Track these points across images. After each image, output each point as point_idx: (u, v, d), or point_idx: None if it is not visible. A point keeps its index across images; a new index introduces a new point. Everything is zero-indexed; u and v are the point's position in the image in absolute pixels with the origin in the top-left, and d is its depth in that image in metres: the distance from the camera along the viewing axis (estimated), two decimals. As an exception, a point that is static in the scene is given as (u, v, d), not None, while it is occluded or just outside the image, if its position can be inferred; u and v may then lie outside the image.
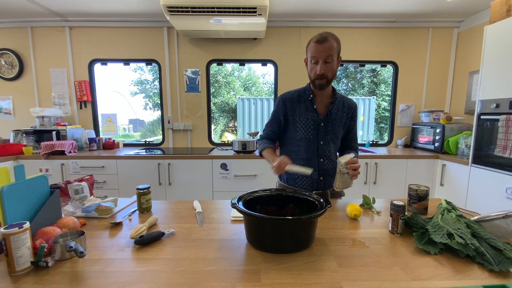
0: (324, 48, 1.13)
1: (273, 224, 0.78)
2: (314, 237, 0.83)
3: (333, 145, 1.31)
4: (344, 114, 1.31)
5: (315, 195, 0.93)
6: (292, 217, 0.76)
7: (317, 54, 1.15)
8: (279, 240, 0.78)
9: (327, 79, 1.18)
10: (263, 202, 0.97)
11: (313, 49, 1.16)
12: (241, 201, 0.88)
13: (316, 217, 0.77)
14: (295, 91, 1.34)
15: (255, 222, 0.80)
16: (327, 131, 1.28)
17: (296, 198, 0.97)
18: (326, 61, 1.15)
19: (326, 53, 1.13)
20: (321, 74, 1.17)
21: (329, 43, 1.13)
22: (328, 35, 1.15)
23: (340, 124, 1.30)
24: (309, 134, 1.27)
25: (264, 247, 0.79)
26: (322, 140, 1.28)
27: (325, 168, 1.29)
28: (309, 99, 1.28)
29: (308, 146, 1.28)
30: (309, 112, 1.27)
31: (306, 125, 1.27)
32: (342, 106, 1.31)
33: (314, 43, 1.16)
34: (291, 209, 0.97)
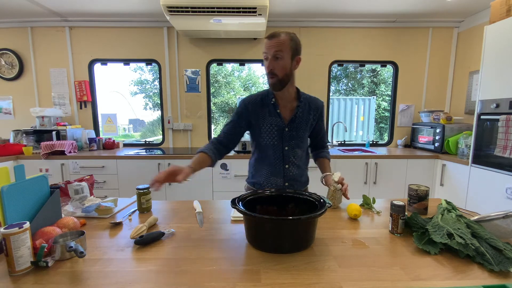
0: (274, 43, 1.07)
1: (273, 224, 0.77)
2: (314, 237, 0.83)
3: (299, 150, 1.25)
4: (310, 116, 1.24)
5: (315, 194, 0.93)
6: (292, 217, 0.76)
7: (266, 50, 1.09)
8: (279, 240, 0.78)
9: (277, 77, 1.10)
10: (263, 202, 0.97)
11: (264, 45, 1.10)
12: (241, 201, 0.88)
13: (316, 217, 0.77)
14: (258, 94, 1.24)
15: (255, 222, 0.80)
16: (291, 136, 1.21)
17: (296, 198, 0.97)
18: (276, 57, 1.07)
19: (274, 48, 1.06)
20: (271, 72, 1.09)
21: (280, 38, 1.07)
22: (282, 32, 1.08)
23: (306, 127, 1.24)
24: (273, 140, 1.21)
25: (264, 247, 0.79)
26: (287, 146, 1.21)
27: (290, 174, 1.24)
28: (271, 103, 1.20)
29: (273, 152, 1.22)
30: (272, 117, 1.20)
31: (270, 131, 1.20)
32: (308, 108, 1.24)
33: (265, 39, 1.10)
34: (291, 209, 0.97)
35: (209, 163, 1.14)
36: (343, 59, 3.13)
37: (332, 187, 1.14)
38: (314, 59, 3.10)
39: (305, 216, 0.75)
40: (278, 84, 1.12)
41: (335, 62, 3.15)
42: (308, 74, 3.13)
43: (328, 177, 1.24)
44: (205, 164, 1.12)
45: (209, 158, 1.13)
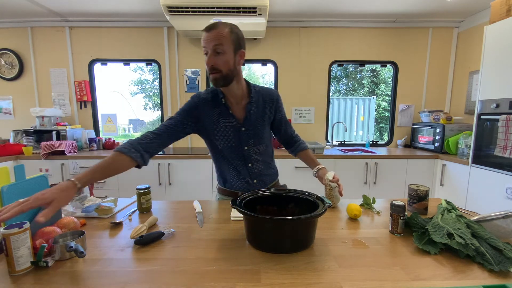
0: (212, 36, 0.97)
1: (273, 224, 0.77)
2: (314, 237, 0.83)
3: (261, 146, 1.19)
4: (266, 110, 1.18)
5: (315, 194, 0.93)
6: (292, 217, 0.76)
7: (205, 44, 0.99)
8: (279, 240, 0.78)
9: (221, 73, 1.00)
10: (263, 202, 0.97)
11: (203, 38, 0.99)
12: (241, 201, 0.88)
13: (316, 217, 0.77)
14: (207, 92, 1.14)
15: (255, 222, 0.80)
16: (249, 135, 1.14)
17: (296, 198, 0.96)
18: (216, 51, 0.98)
19: (214, 42, 0.97)
20: (212, 67, 0.99)
21: (219, 30, 0.97)
22: (220, 23, 0.99)
23: (263, 123, 1.17)
24: (231, 142, 1.13)
25: (264, 247, 0.79)
26: (246, 146, 1.15)
27: (256, 172, 1.19)
28: (222, 103, 1.11)
29: (232, 154, 1.16)
30: (226, 118, 1.12)
31: (225, 133, 1.13)
32: (262, 102, 1.17)
33: (203, 32, 1.00)
34: (291, 209, 0.97)
35: (126, 166, 0.94)
36: (343, 59, 3.13)
37: (328, 186, 1.14)
38: (314, 59, 3.10)
39: (305, 216, 0.75)
40: (221, 80, 1.02)
41: (335, 62, 3.15)
42: (308, 74, 3.13)
43: (322, 171, 1.20)
44: (116, 169, 0.92)
45: (128, 160, 0.94)
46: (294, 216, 0.76)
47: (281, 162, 2.60)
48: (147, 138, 1.01)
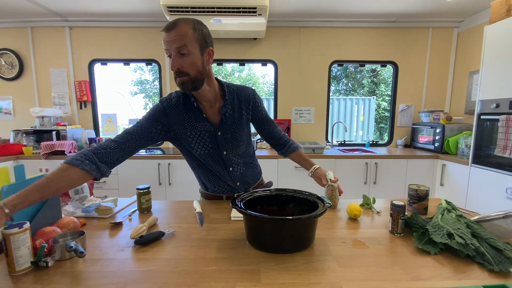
0: (174, 37, 0.86)
1: (273, 224, 0.77)
2: (314, 237, 0.83)
3: (240, 148, 1.12)
4: (242, 111, 1.09)
5: (315, 194, 0.93)
6: (292, 217, 0.76)
7: (166, 46, 0.88)
8: (279, 240, 0.78)
9: (189, 76, 0.91)
10: (263, 202, 0.97)
11: (164, 40, 0.88)
12: (241, 201, 0.88)
13: (316, 217, 0.77)
14: (178, 95, 1.04)
15: (255, 222, 0.80)
16: (226, 139, 1.07)
17: (296, 198, 0.96)
18: (181, 53, 0.88)
19: (176, 43, 0.86)
20: (178, 70, 0.90)
21: (180, 29, 0.86)
22: (181, 20, 0.88)
23: (240, 125, 1.09)
24: (208, 148, 1.06)
25: (264, 247, 0.79)
26: (225, 150, 1.08)
27: (238, 174, 1.14)
28: (195, 106, 1.02)
29: (211, 160, 1.09)
30: (199, 122, 1.03)
31: (201, 139, 1.04)
32: (238, 102, 1.08)
33: (163, 33, 0.88)
34: (291, 209, 0.97)
35: (78, 181, 0.82)
36: (343, 59, 3.13)
37: (330, 186, 1.14)
38: (314, 59, 3.10)
39: (305, 216, 0.75)
40: (189, 83, 0.92)
41: (335, 62, 3.15)
42: (308, 74, 3.13)
43: (319, 171, 1.18)
44: (64, 186, 0.80)
45: (81, 174, 0.82)
46: (294, 216, 0.76)
47: (280, 163, 2.60)
48: (106, 147, 0.89)
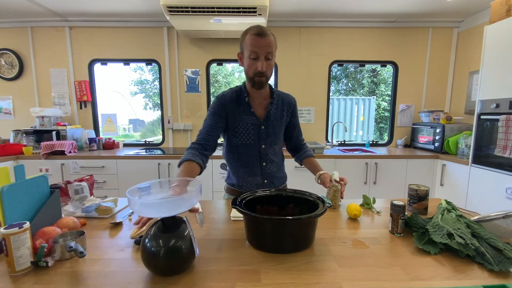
0: (266, 43, 1.03)
1: (273, 224, 0.77)
2: (314, 237, 0.83)
3: (276, 146, 1.25)
4: (284, 112, 1.24)
5: (315, 194, 0.93)
6: (292, 217, 0.76)
7: (258, 49, 1.03)
8: (279, 240, 0.78)
9: (266, 77, 1.09)
10: (263, 202, 0.96)
11: (254, 42, 1.03)
12: (241, 201, 0.88)
13: (316, 217, 0.77)
14: (232, 91, 1.19)
15: (255, 222, 0.80)
16: (268, 133, 1.20)
17: (296, 198, 0.96)
18: (267, 58, 1.05)
19: (267, 49, 1.03)
20: (262, 72, 1.06)
21: (270, 38, 1.04)
22: (266, 29, 1.04)
23: (280, 124, 1.24)
24: (250, 139, 1.19)
25: (264, 247, 0.79)
26: (264, 144, 1.20)
27: (268, 172, 1.24)
28: (245, 101, 1.17)
29: (249, 151, 1.20)
30: (247, 115, 1.18)
31: (246, 130, 1.18)
32: (281, 104, 1.24)
33: (253, 36, 1.03)
34: (291, 209, 0.97)
35: (197, 173, 1.06)
36: (343, 59, 3.13)
37: (334, 187, 1.14)
38: (314, 59, 3.10)
39: (305, 216, 0.75)
40: (265, 83, 1.12)
41: (335, 62, 3.15)
42: (308, 74, 3.13)
43: (324, 175, 1.21)
44: (194, 175, 1.03)
45: (198, 166, 1.05)
46: (294, 216, 0.76)
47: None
48: (201, 147, 1.13)
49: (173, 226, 0.68)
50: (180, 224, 0.70)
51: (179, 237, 0.66)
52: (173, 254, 0.64)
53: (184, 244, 0.66)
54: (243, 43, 1.08)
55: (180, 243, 0.65)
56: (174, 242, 0.65)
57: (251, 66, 1.07)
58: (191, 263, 0.70)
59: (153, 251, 0.63)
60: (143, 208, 0.64)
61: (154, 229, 0.67)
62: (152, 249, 0.63)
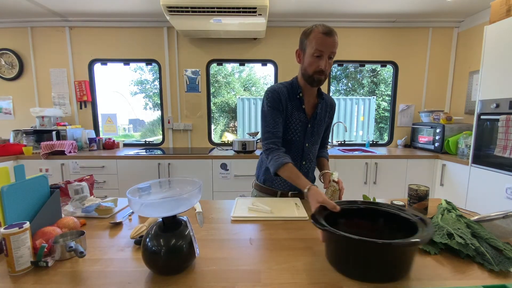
0: (332, 42, 1.03)
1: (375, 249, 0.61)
2: (409, 268, 0.66)
3: (316, 147, 1.27)
4: (327, 113, 1.27)
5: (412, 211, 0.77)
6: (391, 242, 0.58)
7: (324, 48, 1.03)
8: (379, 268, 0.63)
9: (325, 75, 1.10)
10: (347, 216, 0.81)
11: (320, 41, 1.03)
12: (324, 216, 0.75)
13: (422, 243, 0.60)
14: (282, 86, 1.19)
15: (348, 244, 0.64)
16: (313, 132, 1.22)
17: (386, 214, 0.79)
18: (330, 57, 1.06)
19: (332, 48, 1.04)
20: (323, 71, 1.07)
21: (336, 38, 1.05)
22: (332, 29, 1.05)
23: (323, 124, 1.26)
24: (297, 136, 1.20)
25: (351, 272, 0.66)
26: (308, 142, 1.22)
27: (305, 171, 1.25)
28: (297, 97, 1.18)
29: (293, 148, 1.21)
30: (298, 111, 1.18)
31: (295, 126, 1.19)
32: (325, 106, 1.26)
33: (320, 34, 1.03)
34: (381, 226, 0.80)
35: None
36: (343, 59, 3.13)
37: (332, 187, 1.14)
38: (314, 59, 3.09)
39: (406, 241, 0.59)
40: (323, 81, 1.12)
41: (335, 62, 3.15)
42: (308, 74, 3.12)
43: (327, 174, 1.23)
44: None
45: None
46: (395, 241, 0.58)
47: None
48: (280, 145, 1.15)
49: (173, 225, 0.68)
50: (181, 224, 0.69)
51: (180, 237, 0.66)
52: (173, 253, 0.64)
53: (185, 243, 0.66)
54: (306, 40, 1.07)
55: (180, 243, 0.65)
56: (175, 242, 0.64)
57: (313, 64, 1.07)
58: (191, 263, 0.70)
59: (153, 250, 0.63)
60: (144, 208, 0.64)
61: (155, 229, 0.67)
62: (153, 248, 0.64)
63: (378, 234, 0.75)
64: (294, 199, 1.21)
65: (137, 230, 0.87)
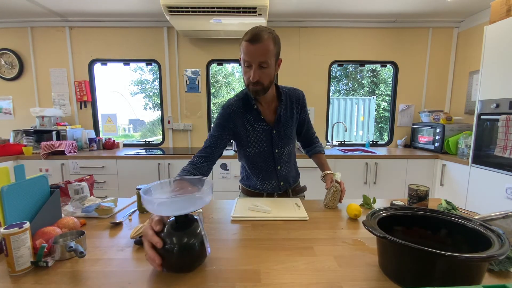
0: (258, 50, 0.94)
1: (444, 261, 0.54)
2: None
3: (289, 147, 1.22)
4: (293, 111, 1.19)
5: (480, 221, 0.68)
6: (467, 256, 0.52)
7: (249, 57, 0.95)
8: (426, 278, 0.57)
9: (262, 85, 1.01)
10: (401, 222, 0.76)
11: (245, 50, 0.95)
12: (375, 218, 0.71)
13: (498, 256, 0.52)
14: (238, 99, 1.13)
15: (409, 252, 0.58)
16: (280, 137, 1.16)
17: (447, 222, 0.72)
18: (261, 66, 0.97)
19: (260, 57, 0.95)
20: (256, 81, 0.99)
21: (264, 43, 0.93)
22: (263, 32, 0.93)
23: (292, 124, 1.19)
24: (262, 146, 1.16)
25: (404, 281, 0.61)
26: (277, 148, 1.18)
27: (283, 174, 1.23)
28: (254, 108, 1.12)
29: (263, 158, 1.18)
30: (257, 123, 1.13)
31: (257, 138, 1.14)
32: (290, 103, 1.18)
33: (245, 43, 0.94)
34: (442, 237, 0.73)
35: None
36: (343, 59, 3.13)
37: (333, 187, 1.14)
38: (314, 59, 3.10)
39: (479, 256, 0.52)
40: (261, 92, 1.04)
41: (335, 62, 3.15)
42: (308, 74, 3.13)
43: (329, 175, 1.22)
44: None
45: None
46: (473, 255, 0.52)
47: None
48: (200, 163, 1.06)
49: (186, 224, 0.68)
50: (193, 223, 0.69)
51: (192, 235, 0.66)
52: (185, 251, 0.65)
53: (197, 242, 0.66)
54: (240, 47, 0.99)
55: (192, 241, 0.66)
56: (187, 240, 0.65)
57: (245, 74, 1.01)
58: (202, 261, 0.70)
59: (166, 248, 0.64)
60: (158, 207, 0.64)
61: (168, 227, 0.67)
62: (166, 246, 0.64)
63: (440, 246, 0.70)
64: (294, 199, 1.21)
65: (137, 230, 0.87)
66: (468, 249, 0.65)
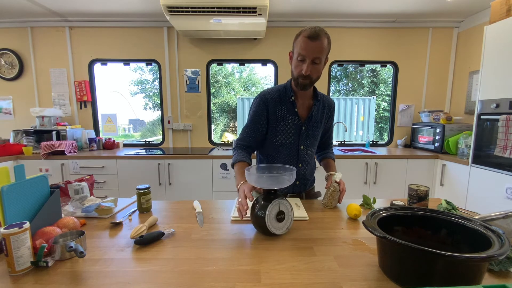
0: (315, 47, 1.02)
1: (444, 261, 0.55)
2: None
3: (313, 149, 1.27)
4: (324, 115, 1.26)
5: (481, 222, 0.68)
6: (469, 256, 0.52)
7: (305, 52, 1.03)
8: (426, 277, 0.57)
9: (311, 80, 1.09)
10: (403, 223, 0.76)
11: (303, 45, 1.03)
12: (375, 219, 0.71)
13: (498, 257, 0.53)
14: (275, 90, 1.20)
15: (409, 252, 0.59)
16: (308, 135, 1.21)
17: (448, 223, 0.72)
18: (314, 62, 1.05)
19: (315, 54, 1.03)
20: (306, 75, 1.07)
21: (321, 41, 1.02)
22: (321, 32, 1.02)
23: (320, 126, 1.25)
24: (290, 139, 1.19)
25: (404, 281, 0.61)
26: (303, 145, 1.21)
27: (302, 173, 1.24)
28: (290, 100, 1.17)
29: (287, 151, 1.21)
30: (290, 115, 1.18)
31: (287, 129, 1.18)
32: (323, 107, 1.25)
33: (304, 38, 1.02)
34: (443, 237, 0.73)
35: None
36: (343, 59, 3.13)
37: (332, 187, 1.14)
38: (314, 59, 3.09)
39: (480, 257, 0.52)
40: (309, 85, 1.11)
41: (335, 62, 3.15)
42: (308, 74, 3.12)
43: (331, 176, 1.23)
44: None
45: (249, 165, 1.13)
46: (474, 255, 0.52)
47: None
48: (247, 148, 1.21)
49: (273, 196, 0.88)
50: (278, 196, 0.88)
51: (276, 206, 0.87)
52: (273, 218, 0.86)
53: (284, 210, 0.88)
54: (295, 43, 1.08)
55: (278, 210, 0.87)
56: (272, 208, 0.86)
57: (297, 68, 1.07)
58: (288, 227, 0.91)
59: (259, 215, 0.85)
60: (258, 179, 0.90)
61: (260, 200, 0.89)
62: (259, 213, 0.86)
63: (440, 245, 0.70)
64: (294, 199, 1.21)
65: (137, 230, 0.87)
66: (468, 249, 0.65)
